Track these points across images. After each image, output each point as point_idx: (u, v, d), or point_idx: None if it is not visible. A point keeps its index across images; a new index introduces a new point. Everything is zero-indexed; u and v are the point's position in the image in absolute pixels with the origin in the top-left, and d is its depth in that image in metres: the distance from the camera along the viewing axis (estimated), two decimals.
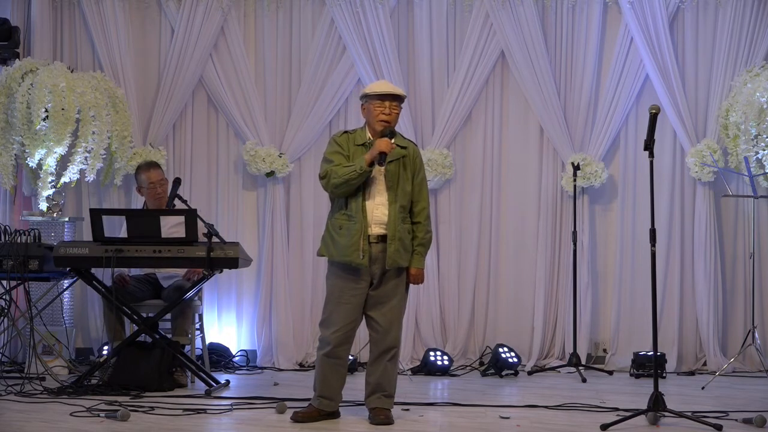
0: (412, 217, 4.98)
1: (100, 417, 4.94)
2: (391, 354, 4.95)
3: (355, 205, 4.88)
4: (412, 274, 4.97)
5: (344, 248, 4.86)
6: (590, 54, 7.03)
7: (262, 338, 7.05)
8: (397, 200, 4.90)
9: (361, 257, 4.83)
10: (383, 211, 4.89)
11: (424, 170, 5.10)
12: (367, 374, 5.02)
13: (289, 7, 7.18)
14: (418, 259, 4.97)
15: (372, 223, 4.88)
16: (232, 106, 7.11)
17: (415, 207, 4.98)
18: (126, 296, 6.08)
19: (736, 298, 6.99)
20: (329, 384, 4.97)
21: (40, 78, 6.45)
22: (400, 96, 4.97)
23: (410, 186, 4.96)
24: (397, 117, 4.97)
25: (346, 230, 4.87)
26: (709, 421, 4.78)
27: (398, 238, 4.87)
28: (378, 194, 4.91)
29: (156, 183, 6.32)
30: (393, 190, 4.91)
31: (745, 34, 6.87)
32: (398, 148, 4.96)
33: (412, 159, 5.00)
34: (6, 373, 6.12)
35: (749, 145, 6.47)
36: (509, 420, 5.04)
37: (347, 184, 4.85)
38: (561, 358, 6.94)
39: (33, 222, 6.60)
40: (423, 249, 4.99)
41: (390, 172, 4.92)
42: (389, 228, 4.87)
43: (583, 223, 6.97)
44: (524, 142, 7.16)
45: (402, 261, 4.91)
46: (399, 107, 4.98)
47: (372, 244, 4.87)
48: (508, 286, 7.14)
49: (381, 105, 4.93)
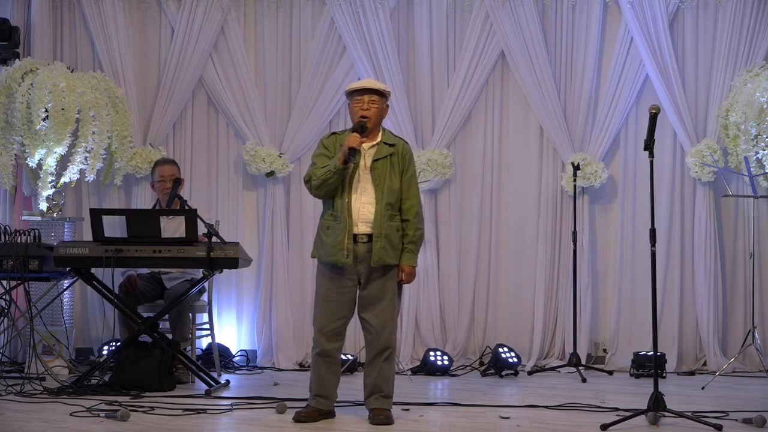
0: (401, 215, 4.94)
1: (100, 417, 4.94)
2: (386, 354, 4.93)
3: (340, 204, 4.88)
4: (404, 273, 4.94)
5: (330, 248, 4.88)
6: (590, 54, 7.03)
7: (262, 338, 7.05)
8: (383, 198, 4.87)
9: (346, 256, 4.83)
10: (370, 210, 4.87)
11: (414, 167, 5.05)
12: (364, 376, 5.02)
13: (289, 7, 7.19)
14: (409, 257, 4.94)
15: (359, 221, 4.86)
16: (232, 106, 7.11)
17: (404, 204, 4.94)
18: (139, 296, 6.12)
19: (736, 298, 6.99)
20: (323, 383, 4.97)
21: (40, 78, 6.45)
22: (379, 90, 4.94)
23: (398, 183, 4.92)
24: (377, 112, 4.93)
25: (332, 230, 4.89)
26: (709, 421, 4.78)
27: (384, 235, 4.84)
28: (365, 192, 4.89)
29: (167, 178, 6.35)
30: (380, 188, 4.88)
31: (745, 34, 6.87)
32: (385, 146, 4.93)
33: (400, 156, 4.96)
34: (6, 373, 6.12)
35: (749, 145, 6.47)
36: (509, 420, 5.04)
37: (325, 184, 4.86)
38: (561, 358, 6.94)
39: (33, 222, 6.60)
40: (414, 246, 4.95)
41: (377, 170, 4.90)
42: (375, 226, 4.84)
43: (583, 223, 6.97)
44: (524, 142, 7.16)
45: (389, 259, 4.88)
46: (380, 102, 4.94)
47: (359, 243, 4.86)
48: (508, 286, 7.14)
49: (359, 101, 4.93)
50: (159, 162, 6.57)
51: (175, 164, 6.55)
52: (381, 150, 4.93)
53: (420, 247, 5.03)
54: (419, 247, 5.02)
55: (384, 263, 4.87)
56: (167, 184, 6.34)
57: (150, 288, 6.25)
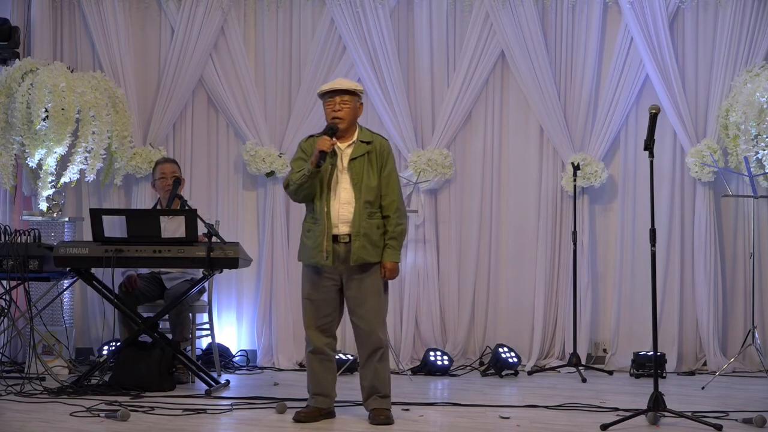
0: (382, 212, 4.92)
1: (100, 417, 4.94)
2: (378, 355, 4.91)
3: (319, 206, 4.89)
4: (386, 269, 4.90)
5: (310, 250, 4.90)
6: (590, 54, 7.03)
7: (262, 338, 7.05)
8: (361, 196, 4.85)
9: (325, 258, 4.83)
10: (349, 210, 4.86)
11: (394, 163, 5.00)
12: (360, 378, 5.02)
13: (289, 7, 7.19)
14: (390, 253, 4.90)
15: (339, 222, 4.86)
16: (232, 106, 7.11)
17: (384, 201, 4.91)
18: (139, 296, 6.12)
19: (736, 298, 6.98)
20: (319, 380, 4.98)
21: (40, 78, 6.45)
22: (350, 90, 4.92)
23: (376, 180, 4.89)
24: (350, 111, 4.91)
25: (312, 233, 4.90)
26: (709, 421, 4.78)
27: (363, 234, 4.83)
28: (344, 192, 4.88)
29: (168, 175, 6.36)
30: (357, 186, 4.86)
31: (745, 34, 6.87)
32: (362, 144, 4.92)
33: (378, 153, 4.93)
34: (6, 373, 6.12)
35: (749, 145, 6.47)
36: (509, 420, 5.04)
37: (301, 188, 4.87)
38: (561, 358, 6.94)
39: (33, 222, 6.60)
40: (395, 242, 4.91)
41: (354, 169, 4.88)
42: (353, 225, 4.83)
43: (583, 223, 6.97)
44: (524, 142, 7.16)
45: (369, 257, 4.85)
46: (352, 101, 4.91)
47: (341, 243, 4.85)
48: (508, 286, 7.14)
49: (331, 102, 4.92)
50: (160, 161, 6.58)
51: (175, 163, 6.56)
52: (357, 149, 4.91)
53: (402, 242, 4.99)
54: (401, 243, 4.98)
55: (364, 261, 4.85)
56: (168, 182, 6.34)
57: (150, 288, 6.25)
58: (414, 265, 7.00)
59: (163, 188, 6.39)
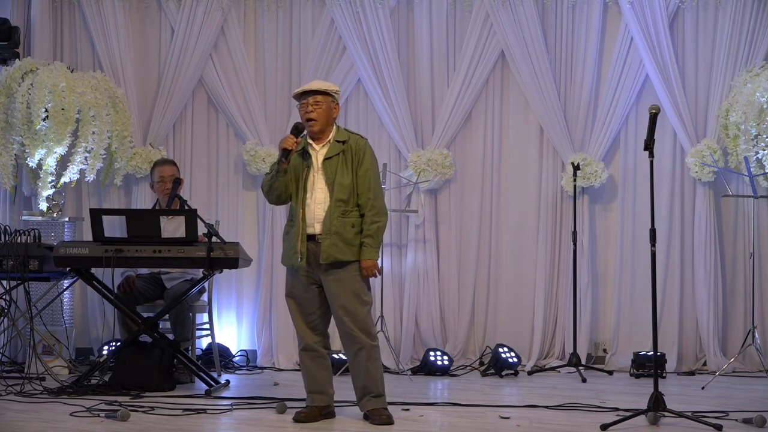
0: (360, 210, 4.90)
1: (100, 417, 4.94)
2: (364, 354, 4.89)
3: (295, 208, 4.91)
4: (363, 267, 4.87)
5: (286, 252, 4.95)
6: (590, 54, 7.03)
7: (262, 338, 7.05)
8: (334, 195, 4.84)
9: (300, 259, 4.85)
10: (323, 209, 4.85)
11: (371, 161, 4.94)
12: (352, 378, 5.01)
13: (289, 7, 7.19)
14: (366, 251, 4.85)
15: (314, 222, 4.86)
16: (232, 106, 7.11)
17: (360, 199, 4.89)
18: (138, 297, 6.12)
19: (736, 298, 6.98)
20: (314, 377, 4.98)
21: (40, 78, 6.45)
22: (322, 90, 4.90)
23: (350, 179, 4.86)
24: (323, 112, 4.89)
25: (289, 235, 4.94)
26: (709, 421, 4.78)
27: (334, 232, 4.81)
28: (319, 192, 4.88)
29: (166, 178, 6.35)
30: (330, 185, 4.86)
31: (745, 34, 6.87)
32: (336, 143, 4.91)
33: (353, 151, 4.90)
34: (6, 373, 6.12)
35: (749, 145, 6.47)
36: (509, 420, 5.04)
37: (272, 189, 4.94)
38: (561, 358, 6.94)
39: (33, 222, 6.60)
40: (371, 240, 4.86)
41: (329, 169, 4.88)
42: (324, 223, 4.83)
43: (583, 223, 6.97)
44: (524, 142, 7.16)
45: (340, 255, 4.82)
46: (325, 102, 4.90)
47: (318, 243, 4.84)
48: (508, 286, 7.14)
49: (304, 104, 4.92)
50: (158, 162, 6.57)
51: (174, 164, 6.55)
52: (332, 148, 4.91)
53: (380, 239, 4.93)
54: (378, 240, 4.92)
55: (335, 260, 4.82)
56: (167, 185, 6.33)
57: (150, 288, 6.25)
58: (414, 265, 7.01)
59: (162, 192, 6.37)
